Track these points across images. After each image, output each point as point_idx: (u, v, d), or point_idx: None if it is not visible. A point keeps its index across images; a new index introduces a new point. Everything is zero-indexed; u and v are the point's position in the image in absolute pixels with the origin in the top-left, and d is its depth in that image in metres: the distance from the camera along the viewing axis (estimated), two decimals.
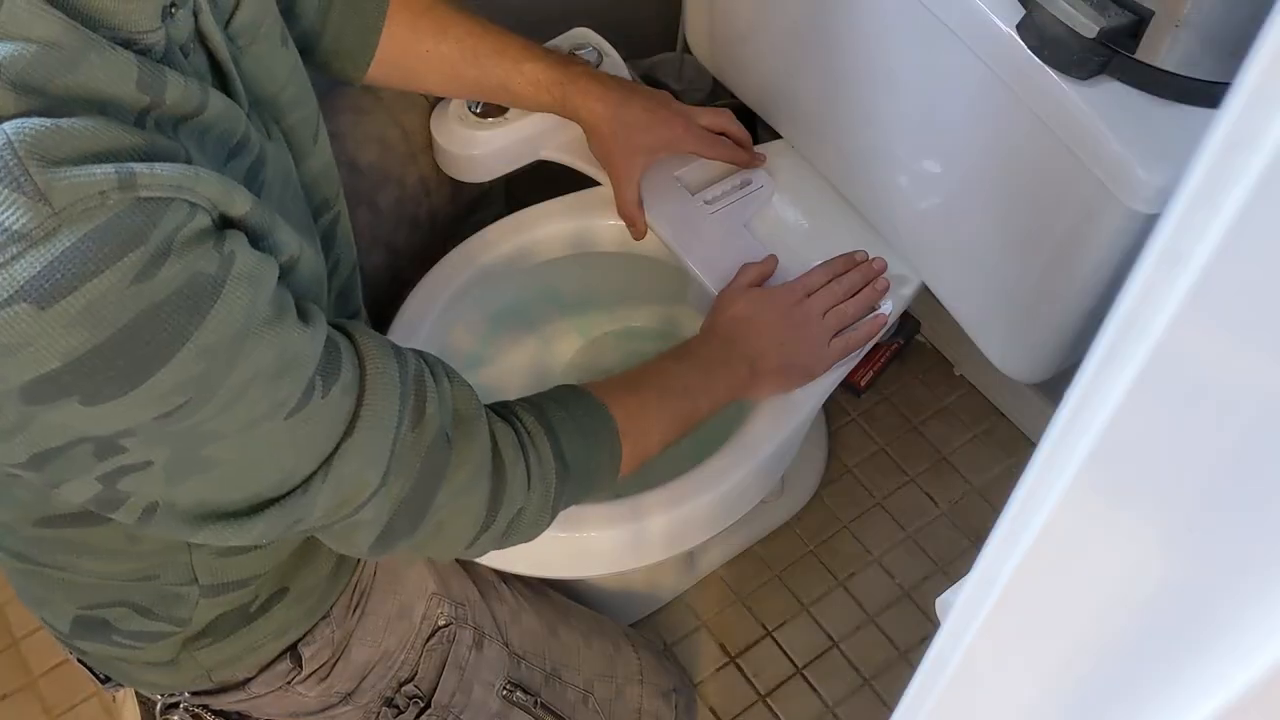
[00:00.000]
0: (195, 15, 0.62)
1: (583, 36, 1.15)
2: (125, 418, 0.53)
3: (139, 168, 0.51)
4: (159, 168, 0.52)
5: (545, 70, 0.99)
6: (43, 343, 0.49)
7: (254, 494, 0.62)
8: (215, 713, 0.87)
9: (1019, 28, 0.82)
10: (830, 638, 1.30)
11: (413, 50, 0.95)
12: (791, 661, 1.29)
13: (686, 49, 1.29)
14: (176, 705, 0.85)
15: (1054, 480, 0.28)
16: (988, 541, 0.32)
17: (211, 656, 0.81)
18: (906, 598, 1.33)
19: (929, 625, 1.30)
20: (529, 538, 0.79)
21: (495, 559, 1.01)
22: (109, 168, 0.50)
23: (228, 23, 0.67)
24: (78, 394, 0.51)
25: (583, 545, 0.97)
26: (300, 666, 0.85)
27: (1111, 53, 0.79)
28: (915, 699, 0.39)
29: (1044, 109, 0.83)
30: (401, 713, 0.90)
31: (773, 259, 1.03)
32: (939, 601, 0.61)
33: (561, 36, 1.15)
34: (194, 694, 0.85)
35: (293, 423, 0.60)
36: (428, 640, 0.91)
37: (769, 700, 1.26)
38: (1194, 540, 0.28)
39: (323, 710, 0.88)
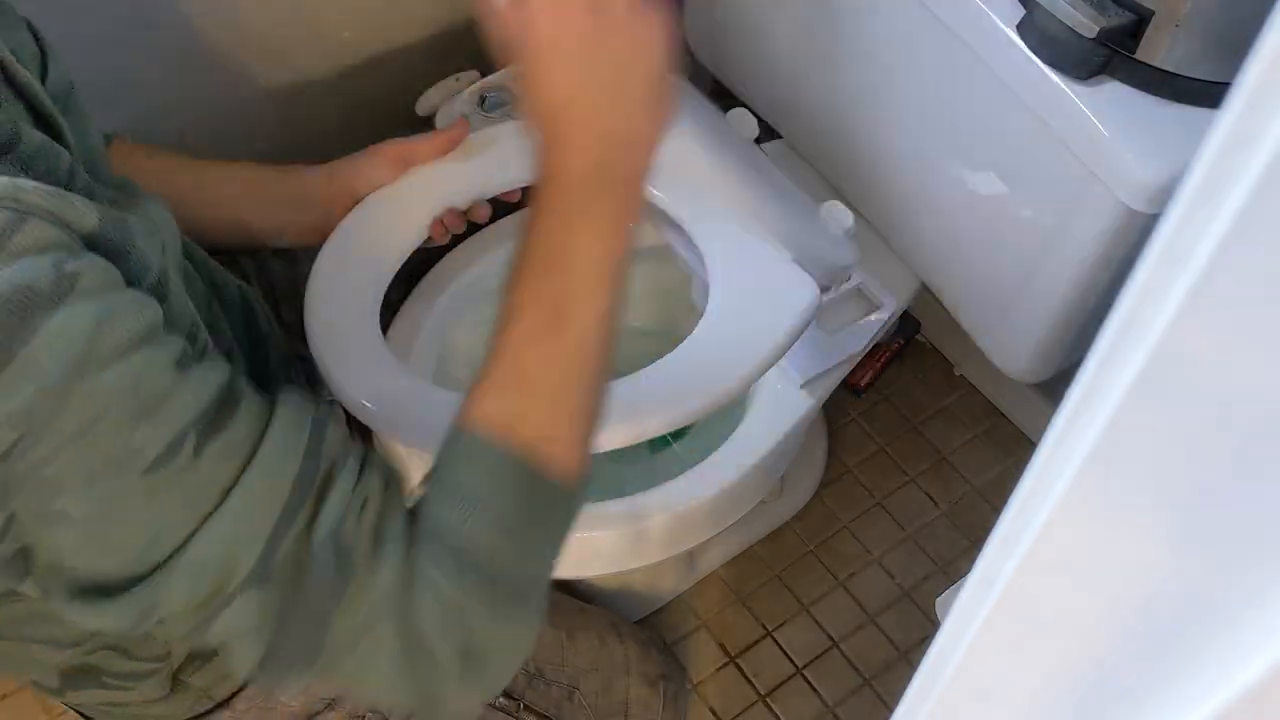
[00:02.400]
0: (2, 68, 0.58)
1: None
2: None
3: None
4: None
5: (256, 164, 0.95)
6: None
7: (109, 569, 0.53)
8: None
9: (1019, 28, 0.82)
10: (830, 638, 1.30)
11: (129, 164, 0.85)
12: (791, 661, 1.29)
13: (687, 49, 1.29)
14: None
15: (1054, 480, 0.28)
16: (988, 541, 0.32)
17: (205, 678, 0.80)
18: (906, 598, 1.33)
19: (929, 625, 1.30)
20: (510, 662, 0.62)
21: None
22: None
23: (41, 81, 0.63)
24: None
25: (583, 545, 0.97)
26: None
27: (1111, 53, 0.79)
28: (915, 699, 0.39)
29: (1044, 109, 0.83)
30: (386, 718, 0.90)
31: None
32: (939, 601, 0.62)
33: None
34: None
35: (152, 481, 0.51)
36: None
37: (769, 700, 1.26)
38: (1194, 540, 0.28)
39: (308, 718, 0.88)
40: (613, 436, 0.83)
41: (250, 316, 0.87)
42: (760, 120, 1.23)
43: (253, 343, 0.86)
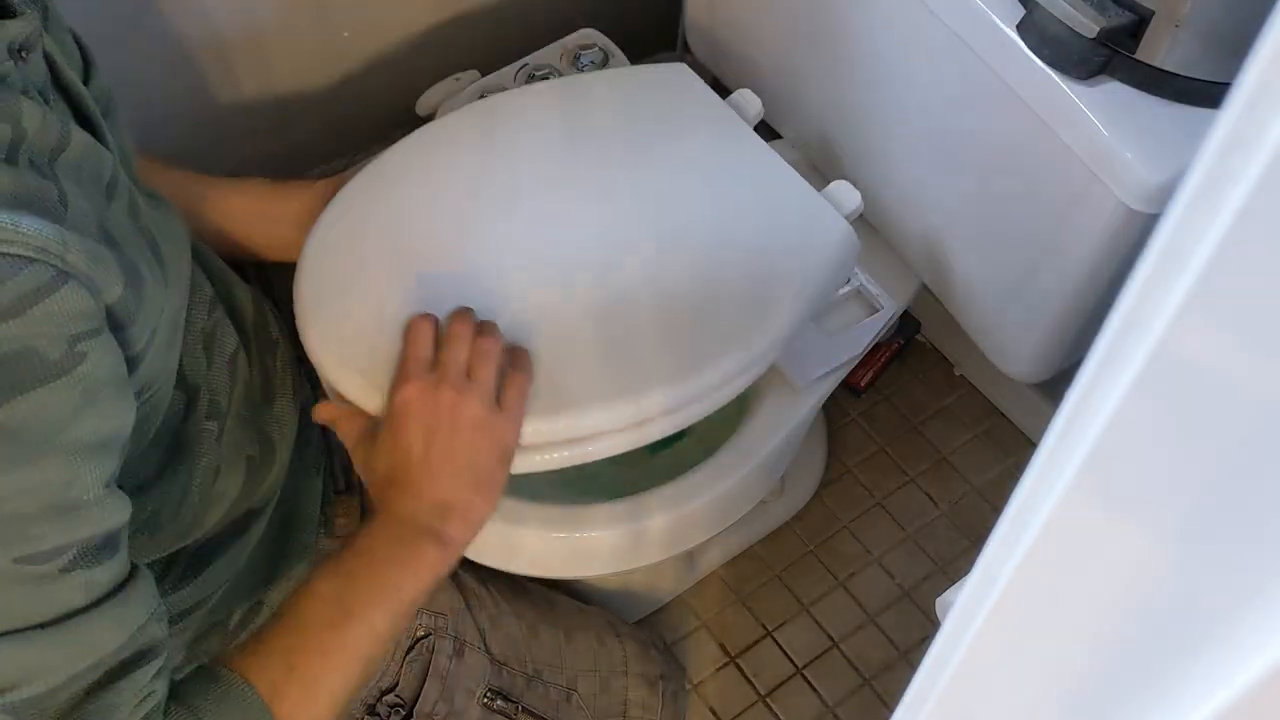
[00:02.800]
0: (51, 67, 0.60)
1: (589, 37, 1.15)
2: None
3: (3, 219, 0.49)
4: (24, 222, 0.49)
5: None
6: None
7: None
8: None
9: (1019, 28, 0.82)
10: (830, 638, 1.30)
11: None
12: (791, 661, 1.29)
13: (687, 49, 1.29)
14: None
15: (1054, 480, 0.28)
16: (988, 541, 0.32)
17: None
18: (906, 598, 1.33)
19: (929, 625, 1.30)
20: None
21: (495, 559, 1.01)
22: None
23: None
24: None
25: (583, 545, 0.97)
26: None
27: (1111, 53, 0.79)
28: (915, 699, 0.39)
29: (1044, 109, 0.83)
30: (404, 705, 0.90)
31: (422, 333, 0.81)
32: (939, 601, 0.61)
33: (568, 37, 1.16)
34: None
35: (14, 570, 0.52)
36: (408, 652, 0.91)
37: (769, 700, 1.26)
38: (1194, 540, 0.28)
39: None
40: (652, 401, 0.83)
41: (261, 319, 0.87)
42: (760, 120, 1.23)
43: (261, 346, 0.86)
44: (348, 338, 0.84)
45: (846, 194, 0.97)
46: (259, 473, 0.81)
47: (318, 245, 0.89)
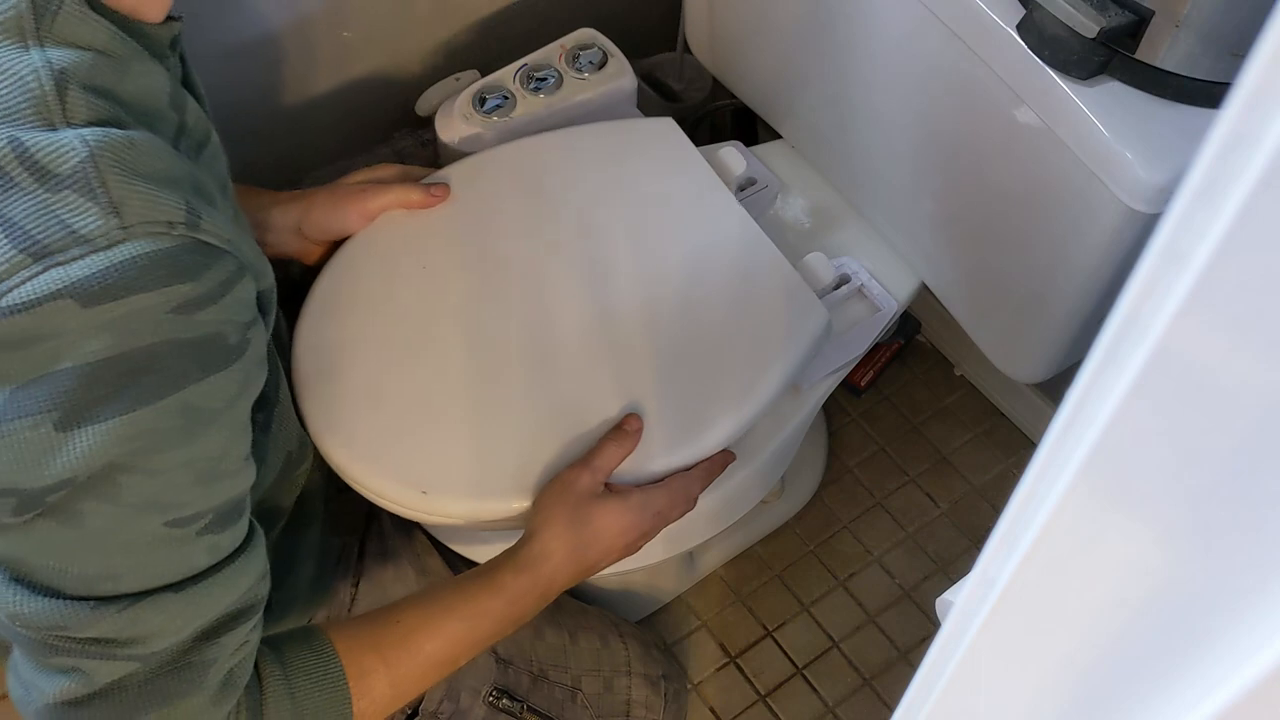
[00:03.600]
0: (184, 63, 0.65)
1: (589, 37, 1.15)
2: (79, 458, 0.52)
3: (204, 209, 0.54)
4: (218, 217, 0.55)
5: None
6: (70, 338, 0.51)
7: (58, 574, 0.57)
8: None
9: (1019, 28, 0.82)
10: (830, 638, 1.30)
11: None
12: (791, 661, 1.29)
13: (687, 49, 1.29)
14: None
15: (1054, 480, 0.28)
16: (988, 541, 0.32)
17: None
18: (906, 598, 1.33)
19: (929, 625, 1.30)
20: None
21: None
22: (179, 200, 0.53)
23: None
24: (59, 411, 0.51)
25: None
26: None
27: (1111, 53, 0.79)
28: (915, 699, 0.39)
29: (1044, 109, 0.83)
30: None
31: (632, 433, 0.88)
32: (939, 601, 0.61)
33: (568, 37, 1.16)
34: None
35: (162, 533, 0.57)
36: None
37: (769, 700, 1.26)
38: (1194, 540, 0.28)
39: None
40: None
41: (277, 325, 0.88)
42: (760, 121, 1.23)
43: (284, 345, 0.87)
44: (345, 412, 0.88)
45: (821, 267, 1.01)
46: (293, 469, 0.83)
47: (311, 322, 0.92)
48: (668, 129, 1.06)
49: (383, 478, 0.86)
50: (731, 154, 1.07)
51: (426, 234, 0.98)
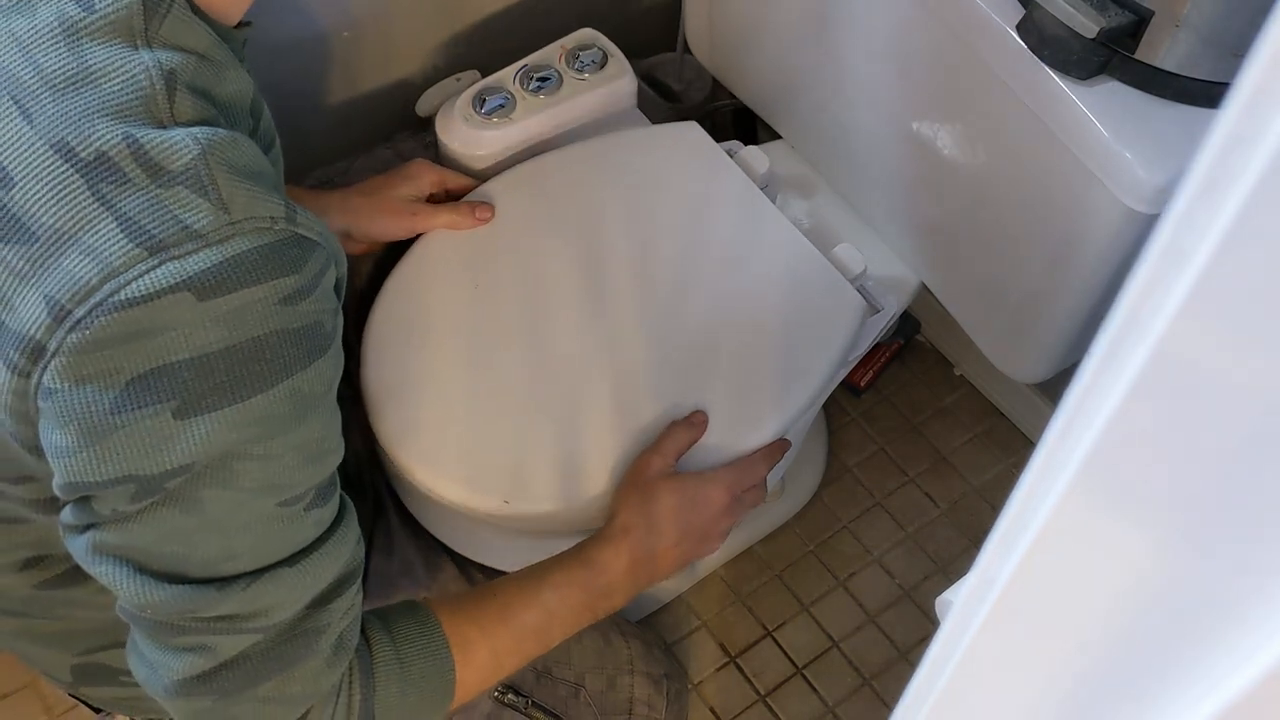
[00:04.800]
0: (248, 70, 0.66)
1: (589, 37, 1.15)
2: (198, 445, 0.54)
3: (295, 206, 0.56)
4: (305, 211, 0.57)
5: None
6: (187, 330, 0.52)
7: (181, 560, 0.59)
8: None
9: (1019, 28, 0.82)
10: (830, 638, 1.30)
11: None
12: (791, 661, 1.29)
13: (687, 49, 1.29)
14: None
15: (1054, 480, 0.28)
16: (988, 541, 0.32)
17: None
18: (906, 598, 1.33)
19: (929, 625, 1.30)
20: None
21: (499, 560, 1.01)
22: (278, 198, 0.55)
23: None
24: (177, 400, 0.53)
25: None
26: None
27: (1111, 53, 0.79)
28: (915, 699, 0.39)
29: (1044, 109, 0.83)
30: None
31: (698, 423, 0.92)
32: (939, 601, 0.61)
33: (568, 37, 1.15)
34: None
35: (276, 512, 0.59)
36: None
37: (769, 700, 1.26)
38: (1193, 540, 0.28)
39: None
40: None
41: None
42: (760, 121, 1.23)
43: None
44: (420, 429, 0.92)
45: (851, 258, 1.04)
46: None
47: (376, 344, 0.96)
48: (693, 132, 1.09)
49: (469, 489, 0.90)
50: (754, 153, 1.10)
51: (474, 253, 1.01)
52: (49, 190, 0.52)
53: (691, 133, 1.09)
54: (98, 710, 0.86)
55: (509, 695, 0.94)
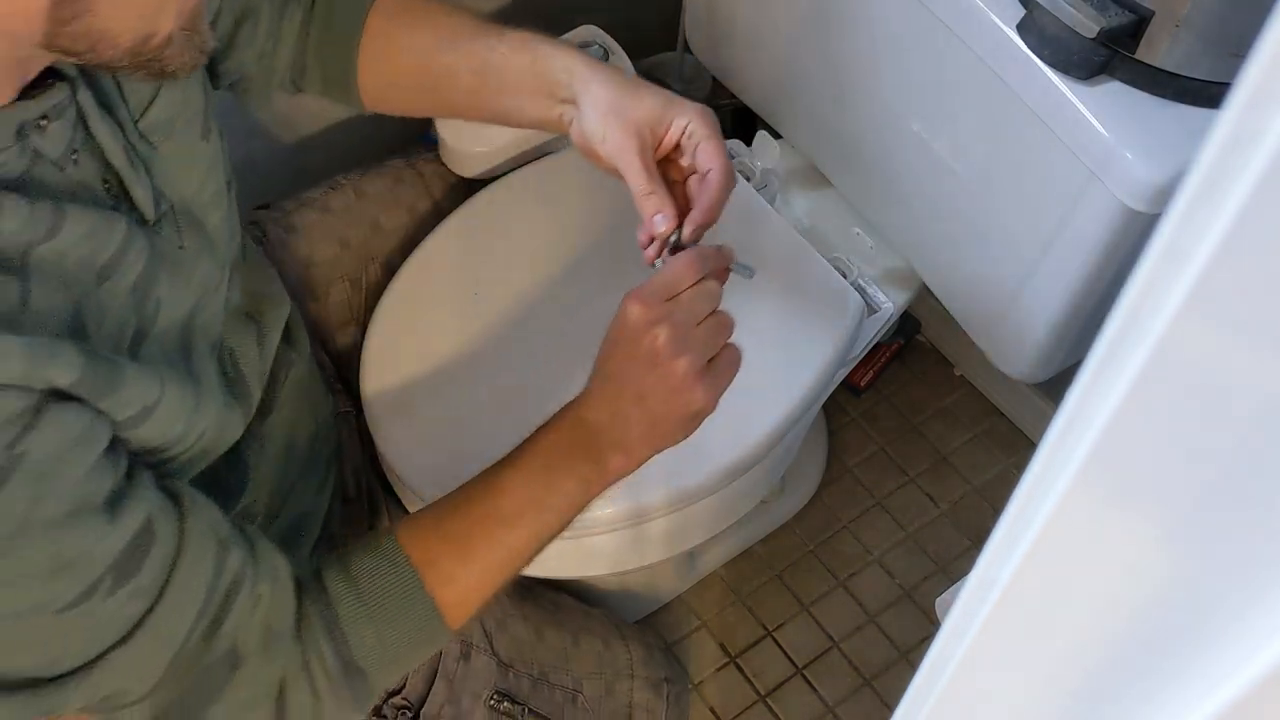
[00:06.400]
0: (84, 122, 0.58)
1: (590, 34, 1.15)
2: None
3: None
4: None
5: (528, 34, 0.83)
6: None
7: (11, 672, 0.55)
8: None
9: (1019, 28, 0.82)
10: (830, 638, 1.30)
11: (389, 50, 0.84)
12: (791, 661, 1.29)
13: (687, 49, 1.29)
14: None
15: (1054, 480, 0.28)
16: (988, 542, 0.32)
17: None
18: (906, 598, 1.33)
19: (929, 625, 1.30)
20: None
21: None
22: None
23: (139, 118, 0.64)
24: None
25: (584, 545, 0.97)
26: None
27: (1111, 53, 0.79)
28: (915, 699, 0.39)
29: (1044, 109, 0.83)
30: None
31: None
32: (939, 601, 0.61)
33: (568, 34, 1.15)
34: None
35: (59, 619, 0.54)
36: None
37: (769, 700, 1.26)
38: (1194, 540, 0.28)
39: None
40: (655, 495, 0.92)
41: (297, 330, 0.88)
42: (760, 121, 1.23)
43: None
44: (419, 437, 0.92)
45: (850, 258, 1.06)
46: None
47: (375, 360, 0.96)
48: None
49: None
50: (765, 141, 1.10)
51: (474, 259, 1.01)
52: None
53: None
54: None
55: (504, 703, 0.94)
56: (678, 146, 0.77)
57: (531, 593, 1.04)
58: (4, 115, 0.53)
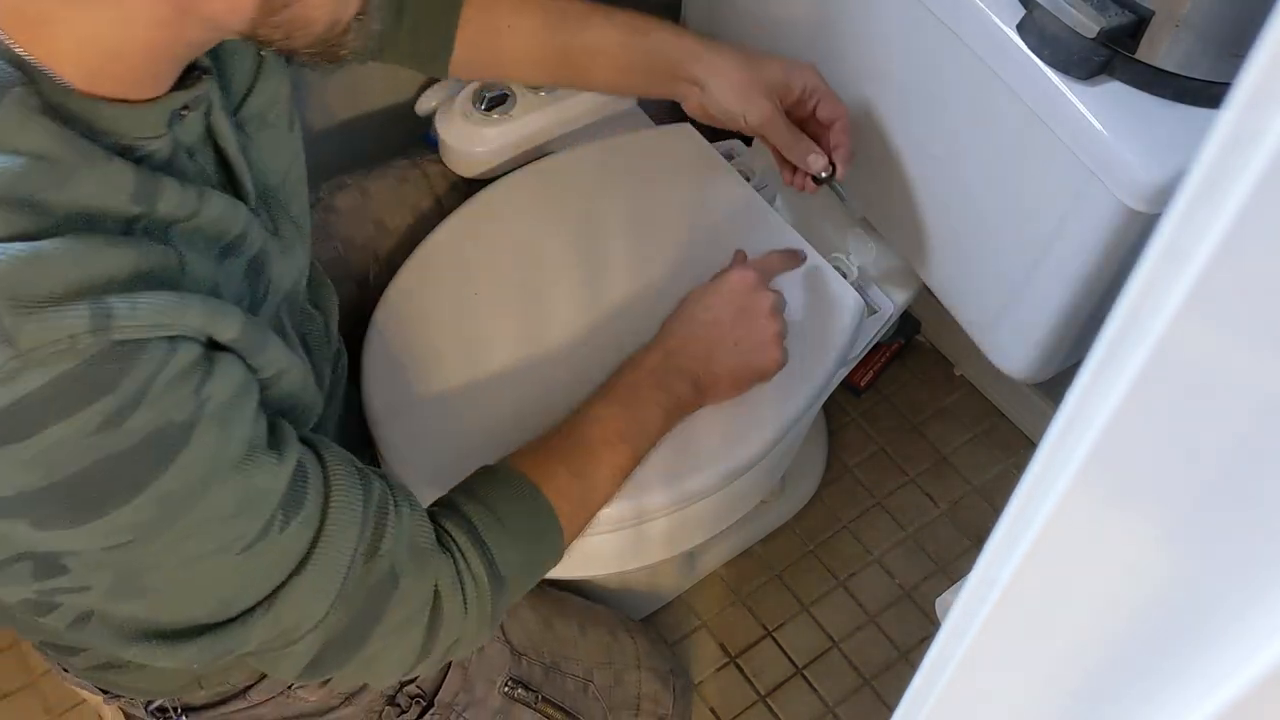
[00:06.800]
0: (207, 114, 0.61)
1: None
2: (72, 543, 0.52)
3: (118, 306, 0.49)
4: (141, 303, 0.50)
5: (639, 16, 0.92)
6: None
7: (189, 619, 0.59)
8: None
9: (1019, 28, 0.82)
10: (830, 638, 1.30)
11: (491, 27, 0.91)
12: (791, 661, 1.29)
13: None
14: (165, 711, 0.84)
15: (1054, 480, 0.28)
16: (988, 542, 0.32)
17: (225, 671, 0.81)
18: (906, 598, 1.33)
19: (929, 625, 1.30)
20: (470, 652, 0.76)
21: None
22: (82, 308, 0.48)
23: (237, 109, 0.66)
24: (27, 518, 0.50)
25: (584, 545, 0.96)
26: None
27: (1111, 52, 0.79)
28: (915, 699, 0.39)
29: (1044, 109, 0.83)
30: (404, 712, 0.90)
31: (741, 255, 0.96)
32: (939, 601, 0.62)
33: None
34: (189, 711, 0.84)
35: (243, 558, 0.57)
36: None
37: (769, 700, 1.26)
38: (1194, 540, 0.28)
39: (323, 714, 0.88)
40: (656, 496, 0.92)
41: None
42: None
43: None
44: (420, 439, 0.92)
45: (850, 259, 1.07)
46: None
47: (378, 344, 0.96)
48: (688, 135, 1.10)
49: None
50: (759, 146, 1.10)
51: (473, 260, 1.02)
52: None
53: (686, 136, 1.10)
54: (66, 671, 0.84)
55: (519, 690, 0.94)
56: (798, 101, 0.93)
57: (537, 587, 1.04)
58: (162, 104, 0.55)
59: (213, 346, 0.55)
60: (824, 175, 0.94)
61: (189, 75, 0.57)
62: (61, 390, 0.48)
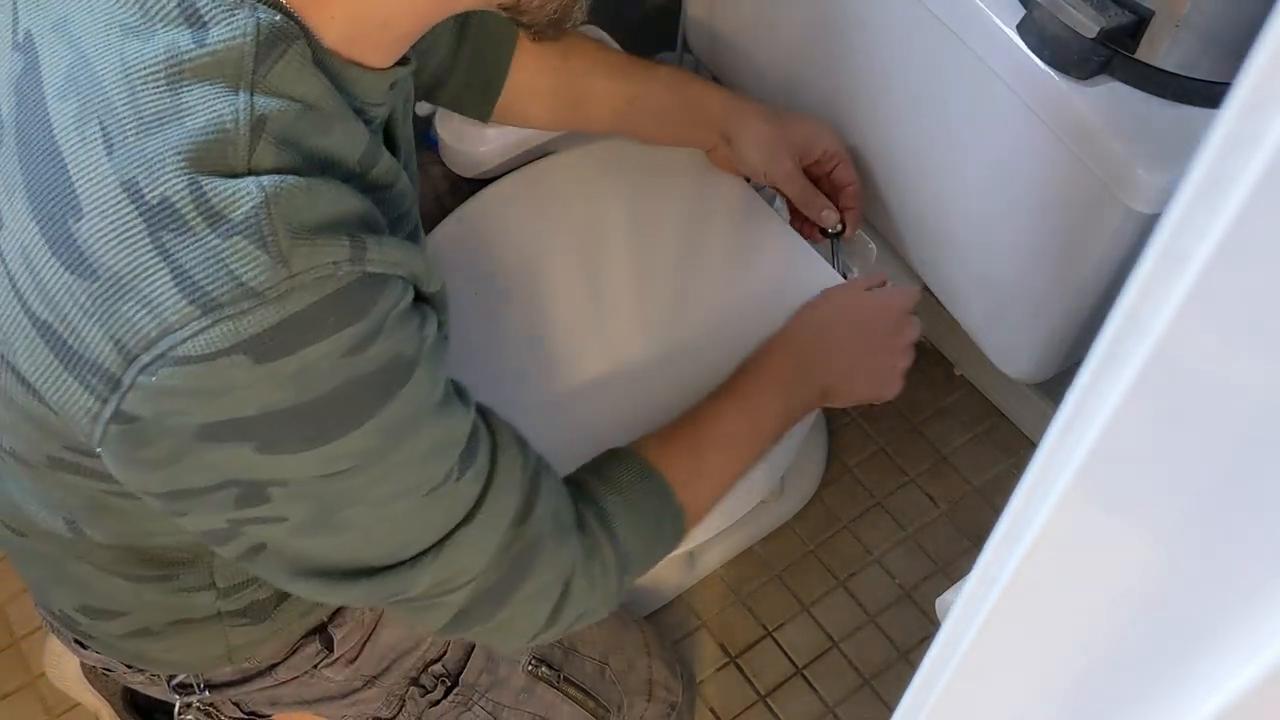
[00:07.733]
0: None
1: (590, 33, 1.15)
2: (290, 470, 0.55)
3: (370, 241, 0.54)
4: (386, 243, 0.55)
5: (677, 70, 1.00)
6: (248, 393, 0.51)
7: (362, 560, 0.63)
8: (229, 715, 0.87)
9: (1019, 28, 0.82)
10: (830, 638, 1.30)
11: (539, 70, 0.96)
12: (791, 661, 1.29)
13: (687, 49, 1.29)
14: (188, 687, 0.84)
15: (1054, 480, 0.28)
16: (988, 542, 0.32)
17: (237, 636, 0.80)
18: (906, 598, 1.33)
19: (929, 625, 1.30)
20: (588, 624, 0.79)
21: None
22: (344, 238, 0.53)
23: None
24: (256, 441, 0.53)
25: None
26: (331, 649, 0.84)
27: (1111, 53, 0.79)
28: (915, 699, 0.39)
29: (1044, 109, 0.83)
30: (429, 692, 0.90)
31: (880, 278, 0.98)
32: (939, 601, 0.62)
33: None
34: (211, 688, 0.84)
35: (426, 500, 0.61)
36: None
37: (769, 700, 1.26)
38: (1194, 540, 0.28)
39: (346, 695, 0.88)
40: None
41: None
42: None
43: None
44: None
45: (850, 259, 1.08)
46: None
47: None
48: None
49: None
50: None
51: (472, 261, 1.02)
52: (111, 230, 0.50)
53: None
54: (84, 647, 0.84)
55: (542, 668, 0.95)
56: (816, 161, 1.02)
57: None
58: (389, 74, 0.60)
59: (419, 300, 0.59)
60: (833, 231, 1.02)
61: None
62: (324, 311, 0.52)
